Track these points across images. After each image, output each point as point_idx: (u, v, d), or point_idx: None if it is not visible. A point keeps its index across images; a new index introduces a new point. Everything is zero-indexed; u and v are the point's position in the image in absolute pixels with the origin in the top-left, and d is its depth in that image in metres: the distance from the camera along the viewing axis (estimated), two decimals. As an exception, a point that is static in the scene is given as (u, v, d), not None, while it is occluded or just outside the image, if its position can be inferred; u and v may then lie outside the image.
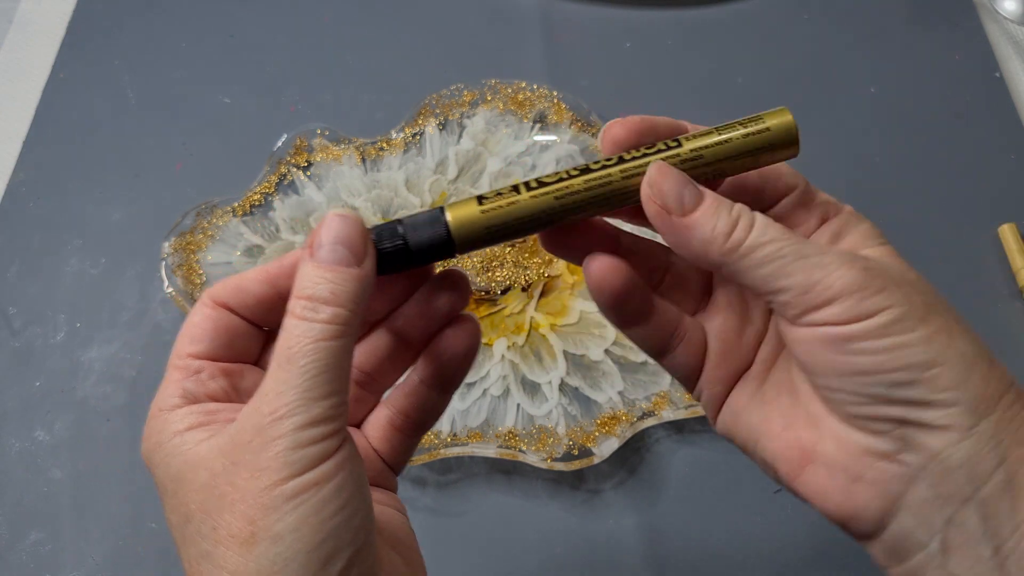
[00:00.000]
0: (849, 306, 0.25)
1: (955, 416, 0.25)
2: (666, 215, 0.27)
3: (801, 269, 0.26)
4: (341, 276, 0.25)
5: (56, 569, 0.45)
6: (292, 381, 0.24)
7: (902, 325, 0.25)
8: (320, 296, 0.25)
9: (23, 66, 0.65)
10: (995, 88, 0.64)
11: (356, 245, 0.26)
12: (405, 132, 0.59)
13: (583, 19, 0.68)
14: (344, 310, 0.25)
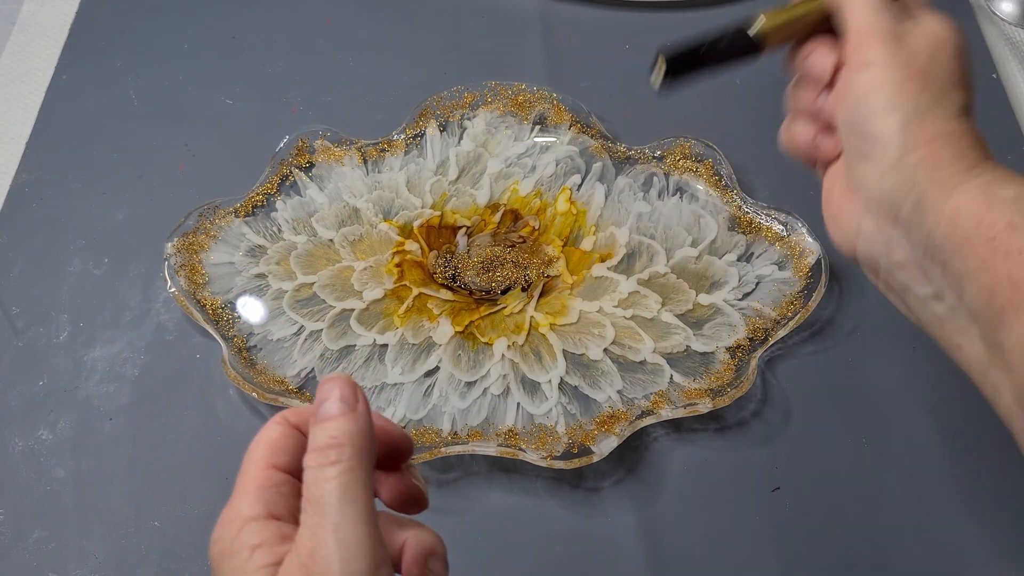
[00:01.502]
0: (870, 49, 0.34)
1: (887, 154, 0.34)
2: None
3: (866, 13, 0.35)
4: (335, 423, 0.28)
5: (59, 567, 0.45)
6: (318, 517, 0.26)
7: (887, 73, 0.34)
8: (322, 443, 0.27)
9: (26, 68, 0.66)
10: (992, 89, 0.64)
11: (346, 396, 0.28)
12: (406, 133, 0.60)
13: (583, 21, 0.68)
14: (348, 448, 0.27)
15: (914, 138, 0.33)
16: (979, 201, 0.31)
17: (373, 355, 0.51)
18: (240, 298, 0.53)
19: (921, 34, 0.35)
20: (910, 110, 0.34)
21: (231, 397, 0.50)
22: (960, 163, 0.33)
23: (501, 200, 0.57)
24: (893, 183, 0.34)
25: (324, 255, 0.55)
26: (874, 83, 0.34)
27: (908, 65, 0.34)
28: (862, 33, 0.35)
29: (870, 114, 0.34)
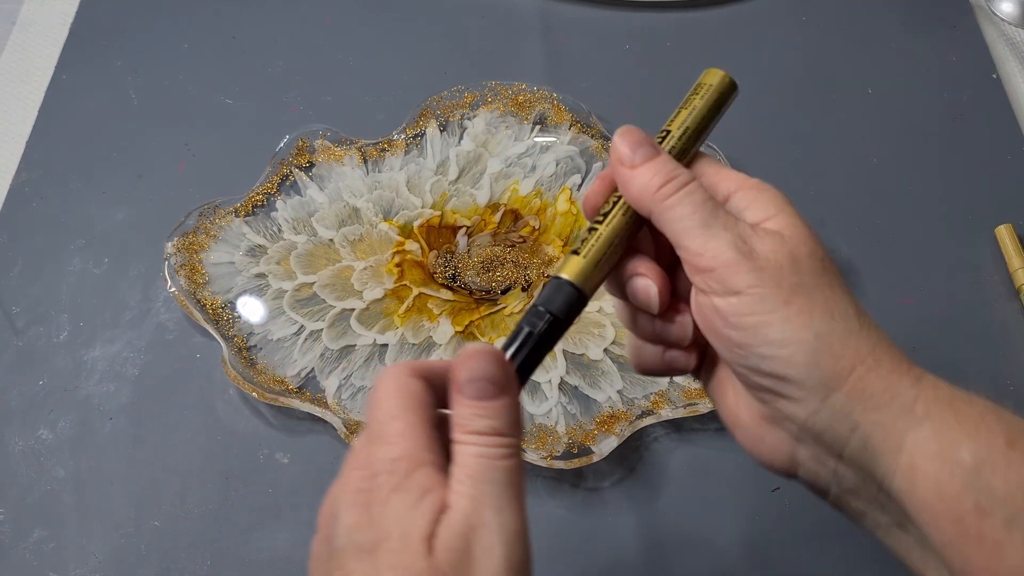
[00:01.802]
0: (723, 278, 0.29)
1: (809, 392, 0.29)
2: (619, 165, 0.32)
3: (700, 236, 0.30)
4: (495, 410, 0.28)
5: (59, 567, 0.45)
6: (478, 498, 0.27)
7: (764, 305, 0.29)
8: (482, 427, 0.28)
9: (26, 67, 0.66)
10: (992, 89, 0.64)
11: (497, 378, 0.28)
12: (406, 133, 0.60)
13: (583, 21, 0.68)
14: (505, 437, 0.28)
15: (832, 373, 0.29)
16: (936, 467, 0.27)
17: (373, 355, 0.51)
18: (240, 298, 0.53)
19: (768, 246, 0.30)
20: (810, 340, 0.29)
21: (231, 397, 0.50)
22: (896, 397, 0.28)
23: (501, 200, 0.57)
24: (828, 421, 0.29)
25: (324, 255, 0.55)
26: (752, 315, 0.29)
27: (778, 285, 0.29)
28: (708, 257, 0.30)
29: (767, 355, 0.29)
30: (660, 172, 0.31)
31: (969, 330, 0.53)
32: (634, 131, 0.32)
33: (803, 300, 0.29)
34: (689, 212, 0.30)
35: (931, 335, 0.53)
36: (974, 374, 0.51)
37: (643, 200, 0.31)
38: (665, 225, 0.31)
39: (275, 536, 0.46)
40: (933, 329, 0.53)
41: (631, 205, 0.32)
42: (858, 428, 0.29)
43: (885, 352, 0.29)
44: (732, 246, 0.30)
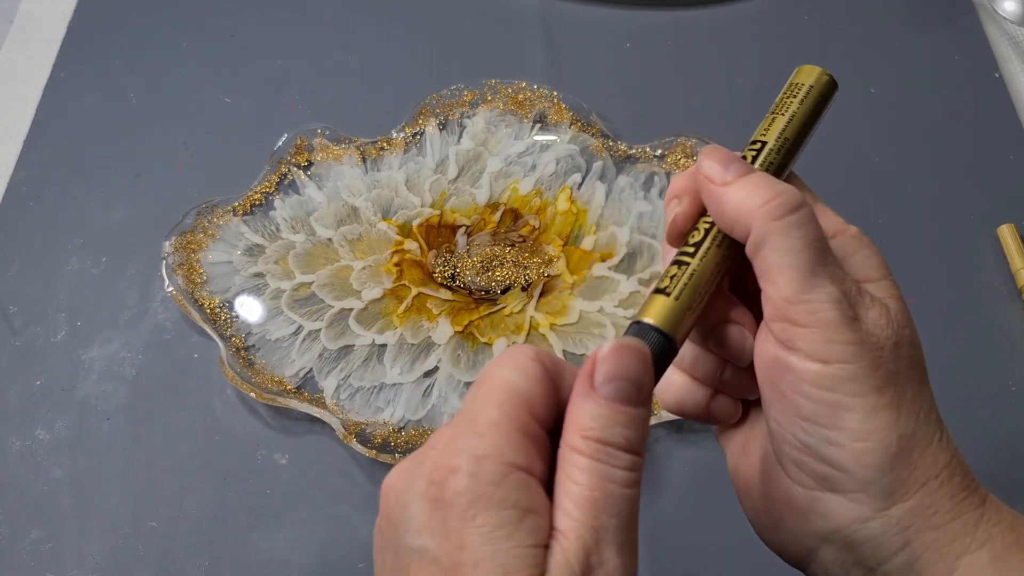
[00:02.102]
0: (814, 340, 0.25)
1: (868, 496, 0.25)
2: (708, 184, 0.27)
3: (802, 281, 0.25)
4: (633, 419, 0.23)
5: (57, 568, 0.45)
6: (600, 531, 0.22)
7: (852, 386, 0.25)
8: (615, 442, 0.23)
9: (24, 66, 0.65)
10: (994, 89, 0.64)
11: (643, 383, 0.24)
12: (405, 132, 0.60)
13: (583, 19, 0.68)
14: (639, 458, 0.23)
15: (902, 481, 0.25)
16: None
17: (372, 355, 0.51)
18: (238, 297, 0.53)
19: (874, 316, 0.26)
20: (892, 441, 0.25)
21: (229, 397, 0.50)
22: (959, 517, 0.26)
23: (501, 199, 0.57)
24: (876, 532, 0.26)
25: (323, 254, 0.55)
26: (834, 393, 0.25)
27: (875, 368, 0.25)
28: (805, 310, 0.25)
29: (835, 441, 0.25)
30: (762, 187, 0.26)
31: (971, 330, 0.53)
32: (720, 149, 0.27)
33: (895, 393, 0.25)
34: (799, 246, 0.25)
35: (933, 335, 0.53)
36: (976, 374, 0.51)
37: (742, 219, 0.26)
38: (763, 254, 0.25)
39: (273, 537, 0.46)
40: (935, 329, 0.53)
41: (724, 229, 0.27)
42: (909, 546, 0.25)
43: (959, 466, 0.26)
44: (837, 305, 0.25)
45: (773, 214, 0.25)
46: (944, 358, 0.52)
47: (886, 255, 0.61)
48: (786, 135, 0.28)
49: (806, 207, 0.26)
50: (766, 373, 0.26)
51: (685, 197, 0.28)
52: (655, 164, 0.58)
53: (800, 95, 0.29)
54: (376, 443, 0.46)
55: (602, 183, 0.57)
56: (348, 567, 0.45)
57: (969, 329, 0.53)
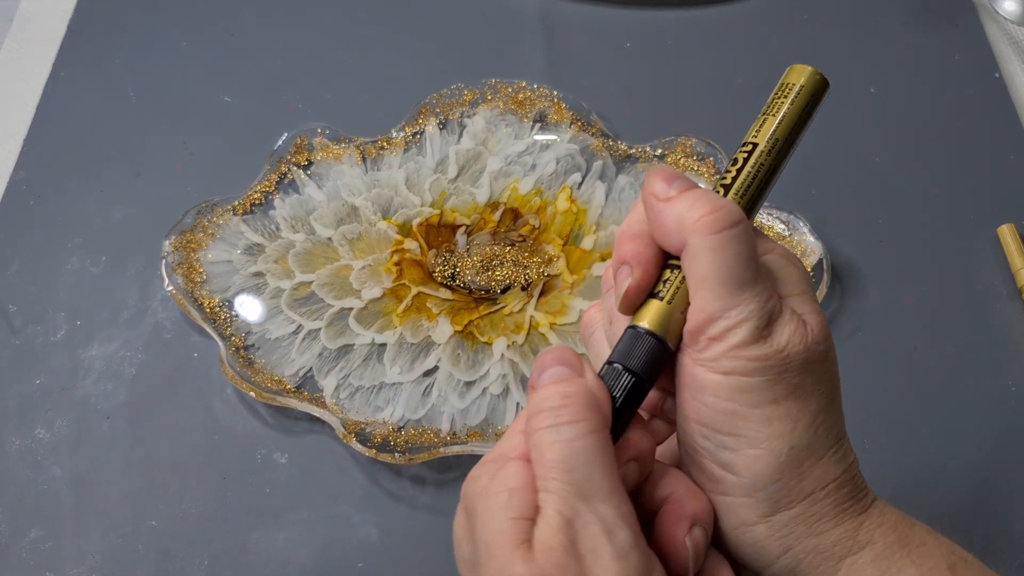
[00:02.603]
0: (722, 354, 0.26)
1: (755, 502, 0.27)
2: (652, 200, 0.28)
3: (727, 296, 0.26)
4: (568, 385, 0.25)
5: (56, 566, 0.45)
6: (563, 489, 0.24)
7: (750, 397, 0.26)
8: (554, 404, 0.25)
9: (24, 65, 0.65)
10: (994, 88, 0.64)
11: (570, 361, 0.26)
12: (405, 131, 0.60)
13: (583, 19, 0.68)
14: (584, 408, 0.25)
15: (788, 490, 0.26)
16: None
17: (372, 354, 0.51)
18: (238, 297, 0.52)
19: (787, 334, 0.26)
20: (784, 451, 0.26)
21: (229, 396, 0.50)
22: (842, 524, 0.27)
23: (501, 199, 0.57)
24: (759, 538, 0.27)
25: (322, 253, 0.55)
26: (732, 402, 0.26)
27: (776, 382, 0.26)
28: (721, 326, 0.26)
29: (730, 446, 0.26)
30: (702, 201, 0.26)
31: (971, 330, 0.53)
32: (667, 168, 0.28)
33: (793, 405, 0.26)
34: (729, 263, 0.26)
35: (932, 335, 0.53)
36: (975, 374, 0.51)
37: (679, 232, 0.26)
38: (695, 266, 0.26)
39: (273, 536, 0.46)
40: (935, 329, 0.53)
41: (663, 244, 0.27)
42: (791, 551, 0.27)
43: (850, 479, 0.27)
44: (752, 320, 0.25)
45: (710, 227, 0.26)
46: (944, 358, 0.52)
47: (886, 255, 0.61)
48: (777, 136, 0.28)
49: (743, 224, 0.26)
50: (677, 378, 0.27)
51: (637, 267, 0.28)
52: (655, 163, 0.58)
53: (791, 95, 0.29)
54: (376, 442, 0.46)
55: (602, 183, 0.57)
56: (348, 566, 0.45)
57: (969, 329, 0.53)
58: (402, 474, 0.48)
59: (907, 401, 0.50)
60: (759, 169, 0.28)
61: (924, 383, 0.51)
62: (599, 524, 0.24)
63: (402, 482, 0.48)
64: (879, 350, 0.52)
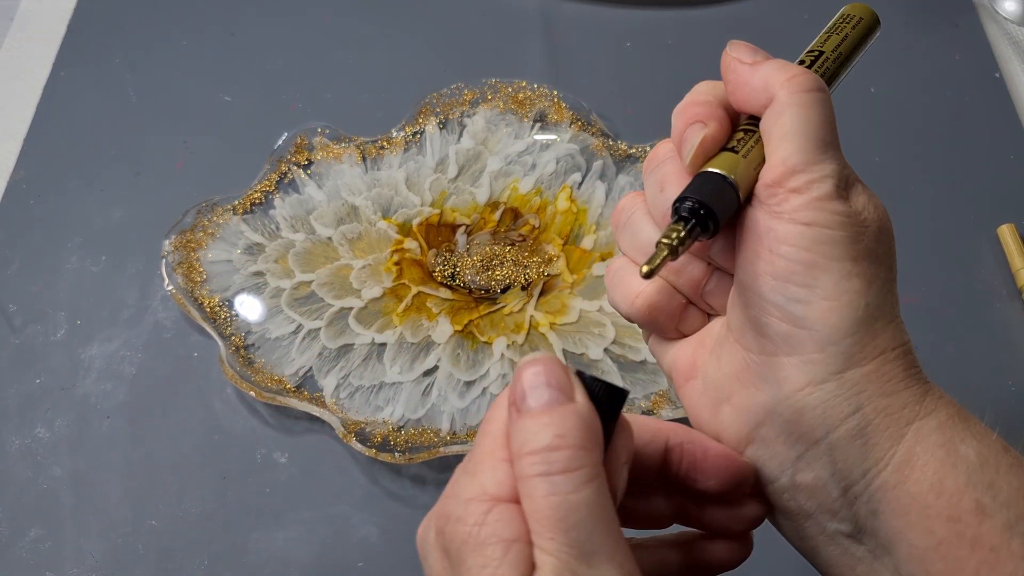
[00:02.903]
0: (803, 206, 0.26)
1: (827, 357, 0.26)
2: (736, 64, 0.29)
3: (809, 152, 0.26)
4: (560, 418, 0.23)
5: (56, 566, 0.45)
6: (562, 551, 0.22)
7: (831, 250, 0.26)
8: (545, 444, 0.22)
9: (24, 64, 0.65)
10: (994, 88, 0.64)
11: (561, 382, 0.24)
12: (405, 131, 0.60)
13: (584, 18, 0.68)
14: (580, 451, 0.23)
15: (863, 346, 0.26)
16: (939, 458, 0.26)
17: (371, 354, 0.51)
18: (238, 296, 0.52)
19: (863, 201, 0.27)
20: (861, 306, 0.26)
21: (228, 396, 0.50)
22: (910, 388, 0.27)
23: (501, 198, 0.57)
24: (828, 398, 0.26)
25: (323, 253, 0.55)
26: (812, 252, 0.26)
27: (855, 241, 0.26)
28: (804, 178, 0.26)
29: (804, 299, 0.26)
30: (789, 66, 0.28)
31: (971, 330, 0.53)
32: (745, 42, 0.29)
33: (870, 267, 0.27)
34: (817, 120, 0.27)
35: (933, 335, 0.53)
36: (975, 374, 0.51)
37: (767, 89, 0.27)
38: (781, 121, 0.27)
39: (273, 536, 0.46)
40: (935, 329, 0.53)
41: (742, 105, 0.28)
42: (860, 410, 0.26)
43: (911, 351, 0.28)
44: (835, 178, 0.26)
45: (799, 86, 0.27)
46: (944, 358, 0.52)
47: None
48: (841, 50, 0.31)
49: (827, 92, 0.28)
50: (747, 234, 0.27)
51: (712, 122, 0.28)
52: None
53: (853, 22, 0.31)
54: (376, 442, 0.46)
55: (602, 182, 0.57)
56: (347, 566, 0.45)
57: (969, 329, 0.53)
58: (402, 474, 0.48)
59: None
60: (824, 72, 0.30)
61: (924, 383, 0.51)
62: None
63: (402, 482, 0.48)
64: (879, 350, 0.52)
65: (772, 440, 0.28)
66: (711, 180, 0.27)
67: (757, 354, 0.27)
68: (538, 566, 0.22)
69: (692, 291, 0.30)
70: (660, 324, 0.30)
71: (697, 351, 0.30)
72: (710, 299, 0.30)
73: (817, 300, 0.26)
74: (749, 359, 0.28)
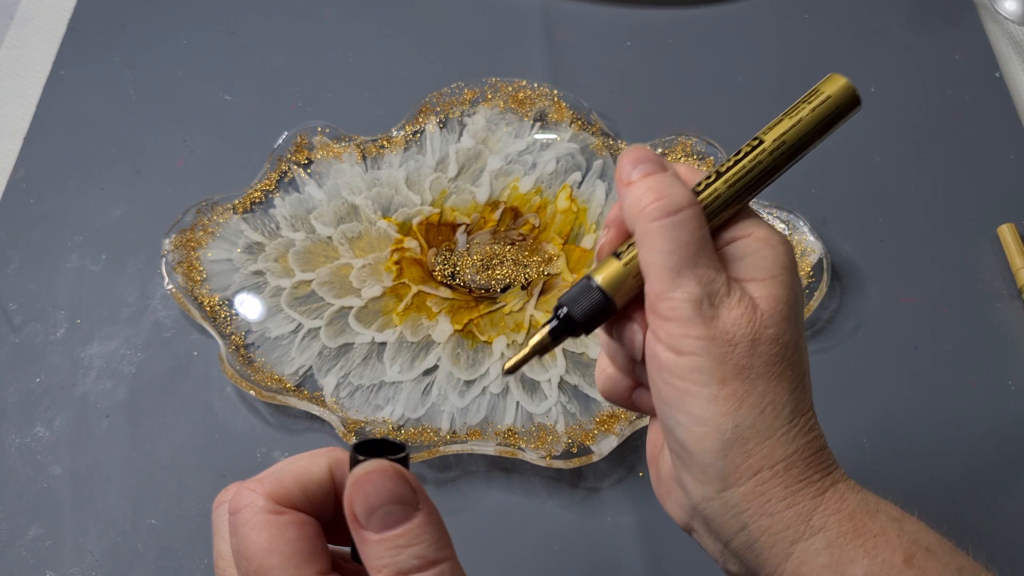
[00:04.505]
0: (671, 331, 0.27)
1: (708, 477, 0.28)
2: (619, 183, 0.30)
3: (667, 279, 0.27)
4: (414, 532, 0.24)
5: (55, 565, 0.45)
6: None
7: (698, 376, 0.27)
8: (411, 567, 0.23)
9: (24, 62, 0.65)
10: (995, 88, 0.64)
11: (407, 498, 0.24)
12: (406, 130, 0.60)
13: (584, 18, 0.68)
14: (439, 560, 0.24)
15: (735, 469, 0.27)
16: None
17: (371, 353, 0.51)
18: (238, 295, 0.52)
19: (734, 316, 0.27)
20: (727, 429, 0.27)
21: (228, 395, 0.50)
22: (794, 506, 0.27)
23: (501, 197, 0.57)
24: (717, 512, 0.28)
25: (323, 252, 0.55)
26: (683, 380, 0.27)
27: (722, 363, 0.27)
28: (666, 306, 0.27)
29: (682, 423, 0.28)
30: (654, 189, 0.28)
31: (971, 330, 0.53)
32: (640, 149, 0.30)
33: (739, 386, 0.27)
34: (667, 248, 0.27)
35: (933, 334, 0.53)
36: (975, 374, 0.51)
37: (631, 218, 0.29)
38: (640, 252, 0.28)
39: (272, 535, 0.46)
40: (935, 328, 0.53)
41: (627, 225, 0.29)
42: (746, 528, 0.28)
43: (802, 460, 0.28)
44: (694, 304, 0.27)
45: (652, 215, 0.28)
46: (944, 358, 0.52)
47: (886, 255, 0.61)
48: (785, 138, 0.29)
49: (688, 210, 0.28)
50: (647, 359, 0.29)
51: (612, 227, 0.31)
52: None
53: (815, 103, 0.29)
54: (375, 441, 0.46)
55: (602, 182, 0.57)
56: (347, 565, 0.45)
57: (969, 329, 0.53)
58: (402, 473, 0.48)
59: (907, 401, 0.50)
60: (756, 165, 0.29)
61: (924, 383, 0.51)
62: None
63: (402, 481, 0.48)
64: (879, 349, 0.52)
65: (702, 532, 0.30)
66: (582, 286, 0.29)
67: (673, 462, 0.30)
68: None
69: (629, 374, 0.32)
70: (620, 402, 0.33)
71: (656, 441, 0.33)
72: (644, 381, 0.32)
73: (692, 425, 0.28)
74: (674, 464, 0.30)
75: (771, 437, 0.27)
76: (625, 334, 0.30)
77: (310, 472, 0.26)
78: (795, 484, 0.27)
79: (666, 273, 0.27)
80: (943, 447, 0.49)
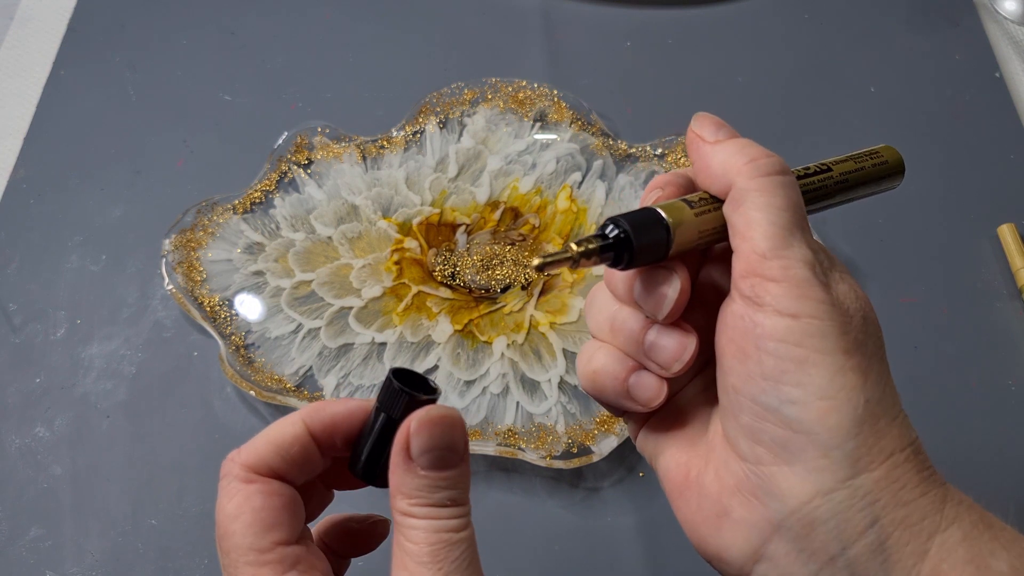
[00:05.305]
0: (783, 295, 0.24)
1: (832, 463, 0.24)
2: (699, 143, 0.27)
3: (778, 238, 0.24)
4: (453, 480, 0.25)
5: (56, 565, 0.45)
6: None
7: (821, 343, 0.24)
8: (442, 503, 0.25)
9: (24, 62, 0.65)
10: (995, 88, 0.64)
11: (459, 445, 0.26)
12: (406, 130, 0.60)
13: (584, 18, 0.68)
14: (465, 505, 0.26)
15: (868, 448, 0.24)
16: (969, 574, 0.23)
17: (371, 353, 0.51)
18: (238, 295, 0.52)
19: (844, 289, 0.25)
20: (861, 403, 0.24)
21: (228, 395, 0.50)
22: (927, 493, 0.24)
23: (501, 198, 0.57)
24: (840, 509, 0.24)
25: (323, 252, 0.55)
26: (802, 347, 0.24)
27: (844, 331, 0.24)
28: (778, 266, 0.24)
29: (798, 399, 0.24)
30: (749, 147, 0.26)
31: (971, 330, 0.53)
32: (712, 116, 0.27)
33: (862, 359, 0.24)
34: (780, 204, 0.25)
35: (933, 334, 0.53)
36: (975, 374, 0.51)
37: (725, 175, 0.26)
38: (743, 210, 0.25)
39: (272, 535, 0.46)
40: (935, 328, 0.53)
41: (705, 186, 0.27)
42: (878, 522, 0.23)
43: (920, 448, 0.25)
44: (809, 264, 0.24)
45: (759, 171, 0.25)
46: (944, 358, 0.52)
47: (886, 254, 0.61)
48: (848, 176, 0.30)
49: (791, 175, 0.26)
50: (731, 333, 0.25)
51: (669, 187, 0.28)
52: (655, 163, 0.58)
53: (876, 160, 0.31)
54: (375, 441, 0.46)
55: (602, 182, 0.57)
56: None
57: (969, 329, 0.53)
58: (402, 473, 0.48)
59: (907, 401, 0.50)
60: (819, 188, 0.29)
61: (924, 383, 0.51)
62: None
63: (402, 481, 0.48)
64: (879, 350, 0.52)
65: (782, 557, 0.25)
66: (649, 216, 0.26)
67: (755, 464, 0.25)
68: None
69: (635, 347, 0.27)
70: (611, 390, 0.28)
71: (691, 460, 0.27)
72: (655, 355, 0.27)
73: (813, 400, 0.24)
74: (748, 470, 0.25)
75: (896, 417, 0.25)
76: (659, 288, 0.26)
77: (284, 433, 0.27)
78: (924, 470, 0.24)
79: (778, 231, 0.24)
80: (942, 447, 0.49)
